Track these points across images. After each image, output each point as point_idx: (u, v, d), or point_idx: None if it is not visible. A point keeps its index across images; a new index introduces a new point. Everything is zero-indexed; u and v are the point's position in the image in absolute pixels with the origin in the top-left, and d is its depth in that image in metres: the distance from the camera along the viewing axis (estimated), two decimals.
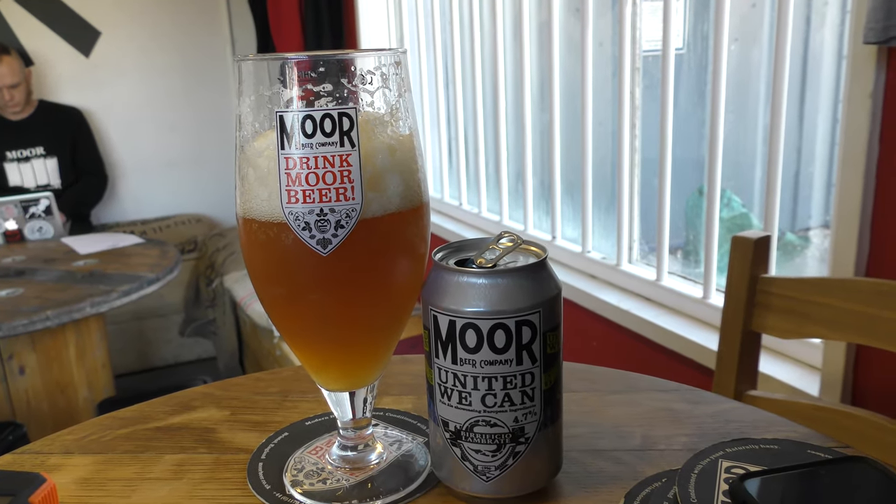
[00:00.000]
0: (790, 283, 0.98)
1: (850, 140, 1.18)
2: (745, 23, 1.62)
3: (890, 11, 1.03)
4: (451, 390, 0.49)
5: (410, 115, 0.50)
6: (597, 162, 1.93)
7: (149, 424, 0.66)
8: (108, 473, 0.58)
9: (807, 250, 1.64)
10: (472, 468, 0.50)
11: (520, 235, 0.51)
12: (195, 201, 3.91)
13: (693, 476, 0.49)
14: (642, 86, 1.76)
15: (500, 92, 2.27)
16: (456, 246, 0.53)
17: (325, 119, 0.45)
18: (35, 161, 3.28)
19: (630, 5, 1.70)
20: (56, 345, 2.07)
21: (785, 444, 0.52)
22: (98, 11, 3.64)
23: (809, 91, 1.52)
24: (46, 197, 2.59)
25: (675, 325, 1.61)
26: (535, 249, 0.51)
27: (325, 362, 0.54)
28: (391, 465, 0.56)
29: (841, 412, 0.95)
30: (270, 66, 0.46)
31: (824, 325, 0.96)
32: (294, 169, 0.45)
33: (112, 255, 2.31)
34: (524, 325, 0.47)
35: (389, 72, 0.48)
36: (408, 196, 0.49)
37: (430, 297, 0.49)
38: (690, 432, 0.60)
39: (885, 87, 1.14)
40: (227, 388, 0.72)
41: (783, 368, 1.40)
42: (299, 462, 0.57)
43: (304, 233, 0.46)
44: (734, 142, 1.63)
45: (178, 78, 3.81)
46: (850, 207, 1.20)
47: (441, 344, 0.49)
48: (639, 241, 1.85)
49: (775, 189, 1.40)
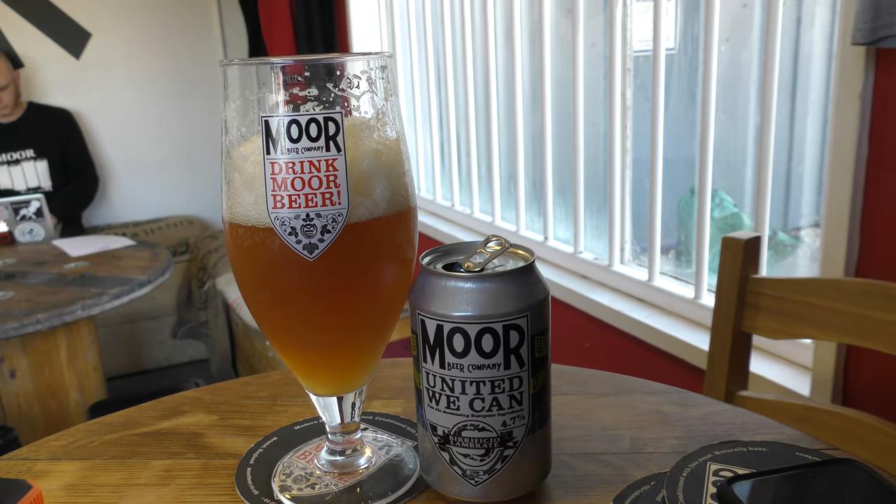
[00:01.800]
0: (780, 283, 0.99)
1: (839, 141, 1.19)
2: (737, 23, 1.62)
3: (878, 12, 1.03)
4: (439, 395, 0.49)
5: (397, 119, 0.50)
6: (589, 162, 1.93)
7: (137, 430, 0.65)
8: (95, 479, 0.58)
9: (799, 249, 1.65)
10: (461, 472, 0.50)
11: (507, 239, 0.51)
12: (187, 203, 3.89)
13: (681, 479, 0.49)
14: (634, 86, 1.76)
15: (492, 92, 2.27)
16: (444, 250, 0.52)
17: (311, 124, 0.44)
18: (25, 164, 3.27)
19: (621, 6, 1.70)
20: (47, 348, 2.06)
21: (773, 447, 0.52)
22: (88, 13, 3.62)
23: (801, 91, 1.53)
24: (37, 199, 2.57)
25: (667, 326, 1.61)
26: (523, 253, 0.51)
27: (312, 367, 0.53)
28: (380, 470, 0.56)
29: (831, 412, 0.95)
30: (256, 71, 0.46)
31: (814, 326, 0.96)
32: (280, 174, 0.45)
33: (103, 257, 2.30)
34: (512, 329, 0.47)
35: (376, 76, 0.47)
36: (395, 200, 0.49)
37: (418, 301, 0.49)
38: (679, 435, 0.60)
39: (873, 88, 1.14)
40: (216, 393, 0.72)
41: (774, 369, 1.40)
42: (288, 467, 0.57)
43: (290, 238, 0.46)
44: (726, 142, 1.63)
45: (169, 79, 3.80)
46: (839, 208, 1.21)
47: (429, 348, 0.49)
48: (631, 241, 1.86)
49: (766, 189, 1.40)
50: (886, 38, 1.04)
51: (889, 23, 1.03)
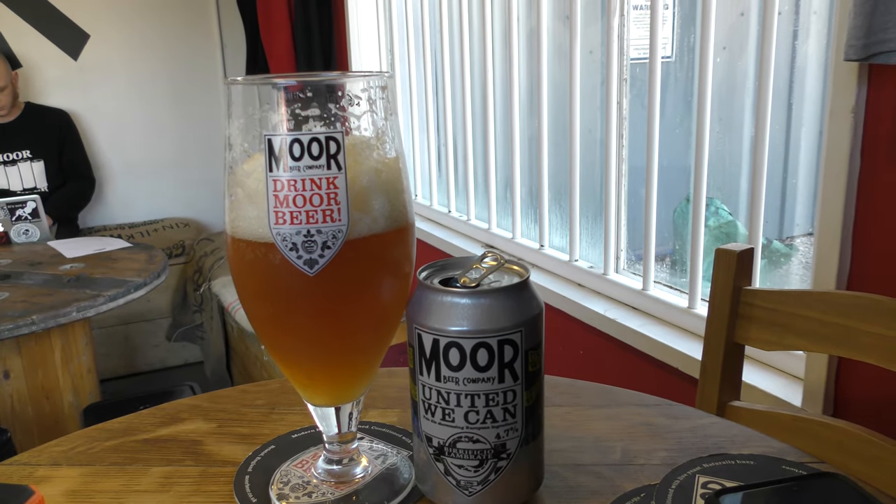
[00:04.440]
0: (772, 295, 1.00)
1: (832, 154, 1.20)
2: (734, 32, 1.63)
3: (870, 29, 1.05)
4: (434, 407, 0.50)
5: (397, 137, 0.51)
6: (585, 170, 1.95)
7: (136, 436, 0.66)
8: (95, 485, 0.58)
9: (794, 259, 1.66)
10: (455, 483, 0.51)
11: (502, 255, 0.52)
12: (183, 205, 3.90)
13: (671, 491, 0.50)
14: (632, 94, 1.77)
15: (489, 99, 2.28)
16: (440, 265, 0.54)
17: (313, 143, 0.45)
18: (21, 164, 3.27)
19: (618, 15, 1.71)
20: (41, 349, 2.07)
21: (761, 460, 0.53)
22: (87, 14, 3.62)
23: (797, 101, 1.54)
24: (33, 200, 2.57)
25: (661, 335, 1.62)
26: (518, 269, 0.52)
27: (310, 379, 0.55)
28: (376, 479, 0.57)
29: (821, 423, 0.96)
30: (259, 91, 0.47)
31: (805, 338, 0.98)
32: (282, 191, 0.46)
33: (99, 259, 2.30)
34: (506, 343, 0.48)
35: (376, 95, 0.49)
36: (393, 217, 0.50)
37: (415, 315, 0.50)
38: (670, 447, 0.61)
39: (866, 103, 1.16)
40: (215, 401, 0.73)
41: (767, 379, 1.41)
42: (285, 475, 0.58)
43: (291, 253, 0.47)
44: (724, 151, 1.64)
45: (167, 81, 3.81)
46: (832, 220, 1.22)
47: (425, 361, 0.50)
48: (626, 250, 1.87)
49: (760, 199, 1.42)
50: (878, 55, 1.05)
51: (881, 39, 1.05)
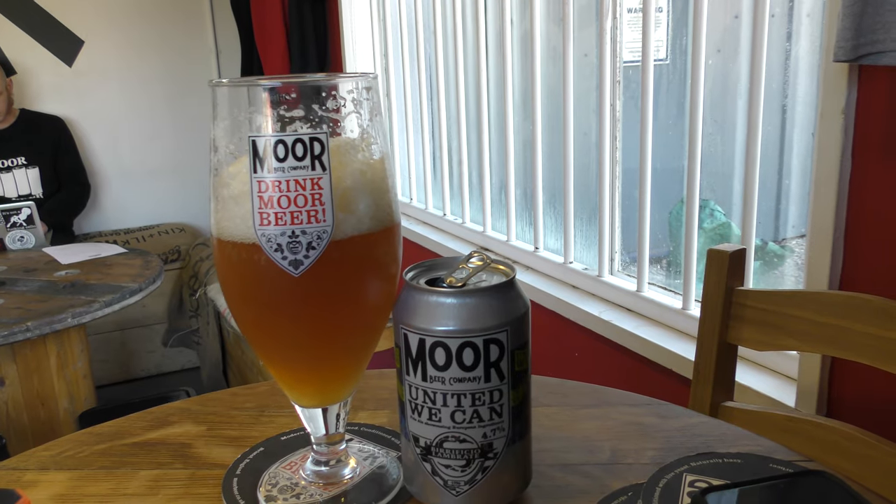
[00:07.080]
0: (764, 295, 1.00)
1: (823, 155, 1.21)
2: (728, 34, 1.64)
3: (859, 30, 1.05)
4: (421, 407, 0.50)
5: (381, 138, 0.51)
6: (579, 172, 1.95)
7: (125, 440, 0.66)
8: (83, 489, 0.58)
9: (789, 260, 1.66)
10: (443, 483, 0.51)
11: (489, 255, 0.52)
12: (178, 210, 3.89)
13: (658, 490, 0.50)
14: (626, 96, 1.77)
15: (483, 101, 2.29)
16: (427, 265, 0.54)
17: (297, 143, 0.46)
18: (16, 171, 3.27)
19: (611, 18, 1.72)
20: (37, 356, 2.06)
21: (748, 458, 0.53)
22: (81, 20, 3.63)
23: (790, 103, 1.54)
24: (28, 206, 2.57)
25: (655, 336, 1.62)
26: (504, 269, 0.52)
27: (297, 380, 0.55)
28: (364, 480, 0.57)
29: (815, 423, 0.96)
30: (244, 92, 0.47)
31: (797, 338, 0.98)
32: (266, 192, 0.46)
33: (94, 265, 2.30)
34: (492, 343, 0.48)
35: (361, 97, 0.49)
36: (378, 217, 0.50)
37: (401, 315, 0.50)
38: (658, 446, 0.61)
39: (856, 104, 1.16)
40: (205, 403, 0.73)
41: (760, 379, 1.41)
42: (274, 477, 0.58)
43: (276, 254, 0.47)
44: (718, 153, 1.64)
45: (162, 87, 3.81)
46: (823, 221, 1.22)
47: (411, 361, 0.50)
48: (620, 252, 1.87)
49: (753, 200, 1.42)
50: (867, 56, 1.06)
51: (870, 40, 1.05)
